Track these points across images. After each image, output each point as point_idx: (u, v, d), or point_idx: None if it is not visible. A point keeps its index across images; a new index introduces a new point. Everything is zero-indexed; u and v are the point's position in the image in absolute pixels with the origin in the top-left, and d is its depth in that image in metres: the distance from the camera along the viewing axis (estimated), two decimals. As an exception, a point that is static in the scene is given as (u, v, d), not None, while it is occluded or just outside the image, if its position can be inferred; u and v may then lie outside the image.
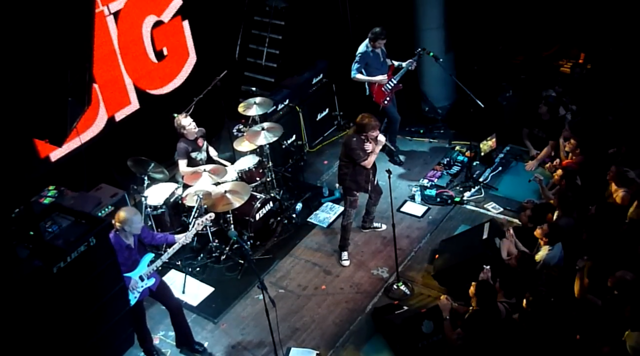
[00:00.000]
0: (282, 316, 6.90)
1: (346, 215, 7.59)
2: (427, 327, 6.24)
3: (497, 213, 8.07)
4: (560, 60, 10.04)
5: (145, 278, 6.25)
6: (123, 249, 6.03)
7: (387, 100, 8.82)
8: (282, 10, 10.06)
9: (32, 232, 5.90)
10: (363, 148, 7.12)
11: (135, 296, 6.22)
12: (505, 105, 9.26)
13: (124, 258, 6.02)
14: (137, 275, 6.17)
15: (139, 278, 6.19)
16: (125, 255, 6.05)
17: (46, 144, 5.31)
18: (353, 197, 7.44)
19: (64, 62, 4.45)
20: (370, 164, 7.22)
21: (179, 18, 9.04)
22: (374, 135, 7.13)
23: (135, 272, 6.17)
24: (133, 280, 6.14)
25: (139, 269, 6.19)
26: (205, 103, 8.50)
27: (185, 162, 7.89)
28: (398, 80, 8.79)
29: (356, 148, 7.12)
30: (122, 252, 6.01)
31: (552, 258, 6.43)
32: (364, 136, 7.13)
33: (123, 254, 6.02)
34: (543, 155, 8.67)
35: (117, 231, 6.01)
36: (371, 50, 8.56)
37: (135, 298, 6.23)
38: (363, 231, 8.09)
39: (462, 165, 8.91)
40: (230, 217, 7.59)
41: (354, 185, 7.35)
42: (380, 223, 8.06)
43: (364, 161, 7.13)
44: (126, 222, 5.94)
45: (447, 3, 9.55)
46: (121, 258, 5.97)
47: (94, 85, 7.68)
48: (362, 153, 7.12)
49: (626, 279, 5.52)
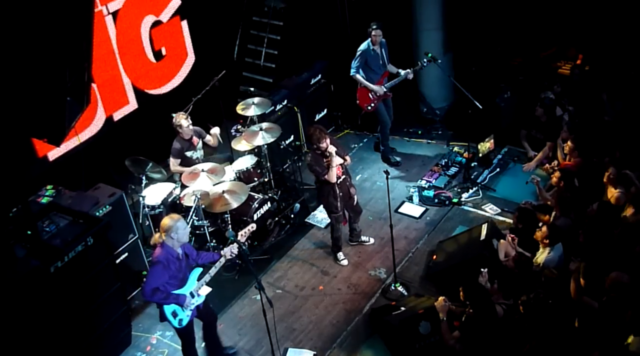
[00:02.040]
0: (279, 316, 6.90)
1: (335, 229, 7.56)
2: (425, 328, 6.23)
3: (495, 215, 8.08)
4: (558, 62, 10.06)
5: (196, 294, 5.90)
6: (174, 259, 5.70)
7: (372, 106, 8.81)
8: (280, 10, 10.07)
9: (29, 231, 5.91)
10: (320, 163, 7.01)
11: (188, 315, 5.88)
12: (504, 106, 9.26)
13: (175, 270, 5.71)
14: (187, 291, 5.85)
15: (189, 295, 5.86)
16: (176, 267, 5.72)
17: (44, 143, 5.31)
18: (336, 214, 7.36)
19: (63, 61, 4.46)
20: (333, 178, 7.02)
21: (177, 18, 9.03)
22: (323, 146, 6.94)
23: (186, 288, 5.84)
24: (187, 298, 5.82)
25: (189, 285, 5.87)
26: (204, 103, 8.51)
27: (178, 161, 7.93)
28: (389, 88, 8.77)
29: (312, 165, 7.02)
30: (174, 263, 5.69)
31: (552, 261, 6.44)
32: (318, 150, 7.01)
33: (174, 265, 5.70)
34: (541, 156, 8.68)
35: (164, 243, 5.69)
36: (372, 49, 8.54)
37: (188, 317, 5.89)
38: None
39: (460, 166, 8.91)
40: (228, 217, 7.59)
41: (329, 205, 7.27)
42: (367, 237, 7.95)
43: (324, 176, 7.01)
44: (171, 229, 5.62)
45: (446, 4, 9.56)
46: (172, 271, 5.68)
47: (92, 84, 7.67)
48: (320, 168, 7.01)
49: (622, 282, 5.52)
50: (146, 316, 7.32)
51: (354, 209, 7.59)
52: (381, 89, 8.69)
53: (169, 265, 5.65)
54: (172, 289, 5.73)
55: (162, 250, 5.67)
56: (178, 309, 5.82)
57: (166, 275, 5.63)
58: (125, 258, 7.29)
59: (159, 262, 5.61)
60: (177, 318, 5.84)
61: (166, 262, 5.63)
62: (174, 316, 5.83)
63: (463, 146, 9.11)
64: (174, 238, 5.67)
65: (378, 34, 8.45)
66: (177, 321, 5.85)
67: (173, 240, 5.68)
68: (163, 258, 5.63)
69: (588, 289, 5.90)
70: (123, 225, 7.22)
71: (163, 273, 5.61)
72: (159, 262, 5.61)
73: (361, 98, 8.81)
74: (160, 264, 5.60)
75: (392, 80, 8.77)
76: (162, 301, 5.71)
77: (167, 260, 5.64)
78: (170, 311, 5.81)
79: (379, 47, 8.58)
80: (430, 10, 9.55)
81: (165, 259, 5.63)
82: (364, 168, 9.31)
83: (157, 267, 5.60)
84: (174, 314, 5.83)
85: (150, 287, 5.57)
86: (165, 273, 5.63)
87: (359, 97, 8.81)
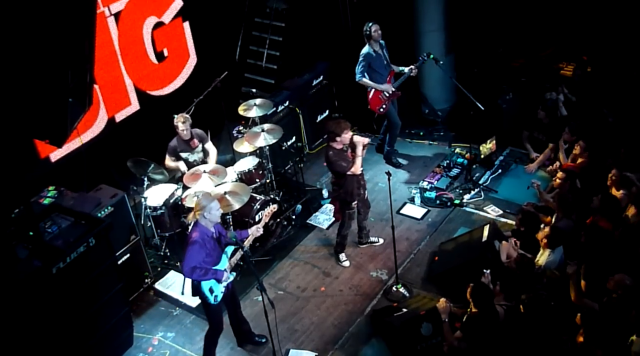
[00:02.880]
0: (281, 317, 6.90)
1: (346, 226, 7.55)
2: (426, 330, 6.23)
3: (497, 216, 8.07)
4: (560, 63, 10.05)
5: (229, 271, 6.13)
6: (209, 239, 5.93)
7: (384, 107, 8.79)
8: (282, 11, 10.08)
9: (31, 232, 5.91)
10: (343, 157, 7.02)
11: (222, 291, 6.11)
12: (505, 107, 9.25)
13: (210, 248, 5.93)
14: (222, 267, 6.06)
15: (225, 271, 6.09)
16: (211, 245, 5.94)
17: (46, 144, 5.32)
18: (351, 210, 7.38)
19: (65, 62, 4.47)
20: (358, 169, 7.05)
21: (179, 19, 9.05)
22: (347, 137, 6.97)
23: (221, 265, 6.05)
24: (225, 274, 6.04)
25: (223, 263, 6.07)
26: (206, 104, 8.51)
27: (172, 158, 8.02)
28: (397, 87, 8.75)
29: (337, 160, 7.02)
30: (209, 242, 5.92)
31: (552, 263, 6.43)
32: (340, 145, 7.01)
33: (210, 244, 5.92)
34: (543, 157, 8.67)
35: (198, 222, 5.92)
36: (373, 50, 8.54)
37: (222, 294, 6.13)
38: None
39: (462, 168, 8.91)
40: (230, 219, 7.59)
41: (348, 197, 7.26)
42: (377, 237, 7.95)
43: (350, 169, 7.03)
44: (205, 209, 5.84)
45: (448, 5, 9.56)
46: (208, 249, 5.90)
47: (94, 86, 7.67)
48: (345, 162, 7.02)
49: (626, 284, 5.52)
50: (148, 318, 7.32)
51: (364, 203, 7.57)
52: (390, 88, 8.68)
53: (205, 244, 5.87)
54: (209, 266, 5.93)
55: (198, 230, 5.90)
56: (215, 285, 6.03)
57: (203, 254, 5.86)
58: (127, 259, 7.30)
59: (195, 242, 5.83)
60: (213, 294, 6.05)
61: (202, 242, 5.85)
62: (210, 292, 6.05)
63: (465, 147, 9.10)
64: (207, 217, 5.88)
65: (377, 29, 8.41)
66: (213, 297, 6.06)
67: (206, 219, 5.89)
68: (199, 237, 5.85)
69: (589, 291, 5.89)
70: (125, 226, 7.23)
71: (200, 251, 5.84)
72: (196, 241, 5.84)
73: (372, 102, 8.78)
74: (197, 243, 5.83)
75: (399, 79, 8.76)
76: (201, 278, 5.93)
77: (203, 239, 5.87)
78: (208, 287, 6.03)
79: (380, 48, 8.58)
80: (432, 12, 9.55)
81: (201, 239, 5.85)
82: (366, 169, 9.19)
83: (195, 247, 5.83)
84: (210, 290, 6.04)
85: (189, 266, 5.80)
86: (202, 252, 5.86)
87: (370, 101, 8.77)
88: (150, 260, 7.82)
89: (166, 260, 7.94)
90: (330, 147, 7.10)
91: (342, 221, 7.57)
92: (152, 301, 7.53)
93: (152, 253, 7.99)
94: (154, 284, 7.64)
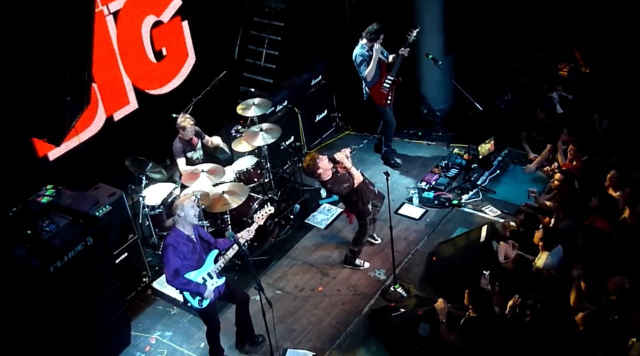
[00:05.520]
0: (278, 317, 6.89)
1: (366, 229, 7.43)
2: (424, 330, 6.23)
3: (495, 217, 8.08)
4: (559, 64, 10.06)
5: (215, 276, 6.02)
6: (184, 241, 5.85)
7: (390, 99, 8.74)
8: (281, 11, 10.07)
9: (29, 231, 5.91)
10: (341, 179, 7.00)
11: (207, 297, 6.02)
12: (504, 108, 9.27)
13: (187, 251, 5.85)
14: (204, 272, 5.97)
15: (207, 276, 5.98)
16: (188, 248, 5.86)
17: (44, 143, 5.31)
18: (369, 215, 7.34)
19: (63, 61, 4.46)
20: (359, 177, 7.04)
21: (178, 18, 9.03)
22: (326, 164, 6.92)
23: (202, 270, 5.96)
24: (207, 290, 5.93)
25: (206, 266, 5.99)
26: (204, 103, 8.50)
27: (184, 161, 7.91)
28: (395, 75, 8.65)
29: (339, 186, 6.98)
30: (185, 245, 5.84)
31: (550, 265, 6.43)
32: (328, 173, 6.95)
33: (186, 247, 5.84)
34: (541, 158, 8.67)
35: (174, 226, 5.90)
36: (367, 49, 8.51)
37: (208, 300, 6.03)
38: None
39: (460, 168, 8.91)
40: (228, 218, 7.59)
41: (367, 207, 7.23)
42: (375, 236, 7.94)
43: (354, 184, 7.00)
44: (177, 207, 5.82)
45: (447, 6, 9.56)
46: (184, 252, 5.83)
47: (92, 84, 7.67)
48: (346, 183, 6.99)
49: (625, 287, 5.51)
50: (145, 316, 7.32)
51: (378, 196, 7.53)
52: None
53: (179, 246, 5.81)
54: (189, 270, 5.86)
55: (172, 233, 5.89)
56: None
57: (178, 257, 5.79)
58: (124, 258, 7.29)
59: (168, 246, 5.81)
60: (196, 298, 6.00)
61: (175, 244, 5.81)
62: (193, 297, 5.99)
63: (463, 148, 9.10)
64: (181, 216, 5.82)
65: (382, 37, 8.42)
66: (196, 301, 6.01)
67: (181, 218, 5.83)
68: (171, 240, 5.82)
69: (589, 293, 5.89)
70: (123, 225, 7.23)
71: (174, 255, 5.79)
72: (168, 245, 5.82)
73: (377, 97, 8.70)
74: (170, 247, 5.80)
75: (393, 67, 8.65)
76: (184, 288, 5.89)
77: (176, 242, 5.81)
78: (189, 293, 5.99)
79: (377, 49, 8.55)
80: (431, 12, 9.55)
81: (174, 241, 5.81)
82: (364, 169, 9.22)
83: (167, 251, 5.80)
84: (192, 295, 6.00)
85: (169, 272, 5.77)
86: (176, 256, 5.79)
87: (375, 97, 8.71)
88: (148, 259, 7.81)
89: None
90: (325, 182, 7.06)
91: (363, 229, 7.43)
92: (150, 301, 7.53)
93: (150, 252, 7.98)
94: (152, 283, 7.62)
